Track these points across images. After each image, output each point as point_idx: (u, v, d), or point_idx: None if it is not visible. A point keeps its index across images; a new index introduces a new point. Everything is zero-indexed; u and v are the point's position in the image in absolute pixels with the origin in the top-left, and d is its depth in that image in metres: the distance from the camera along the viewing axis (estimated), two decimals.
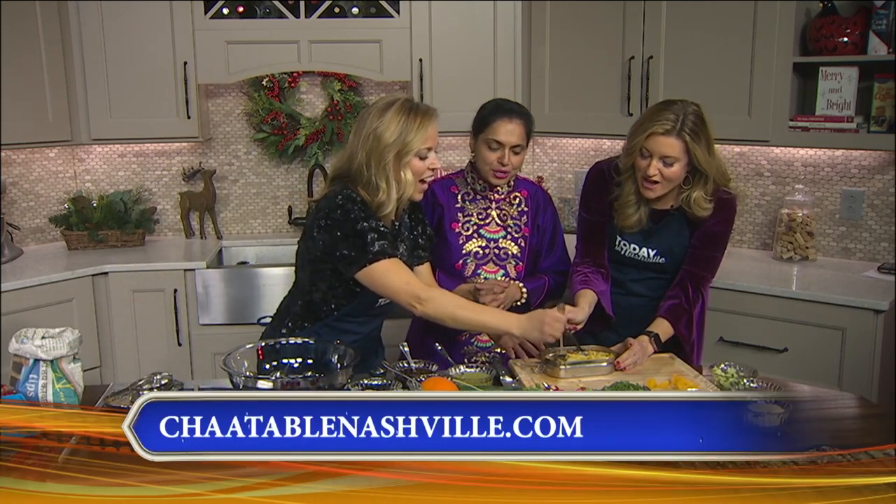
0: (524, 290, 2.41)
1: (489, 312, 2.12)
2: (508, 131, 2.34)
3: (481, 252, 2.45)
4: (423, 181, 2.09)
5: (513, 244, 2.47)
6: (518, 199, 2.50)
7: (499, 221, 2.47)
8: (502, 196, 2.48)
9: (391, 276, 2.00)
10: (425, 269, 2.27)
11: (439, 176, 2.31)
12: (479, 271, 2.45)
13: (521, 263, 2.48)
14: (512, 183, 2.49)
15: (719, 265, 2.37)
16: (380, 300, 2.13)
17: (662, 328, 2.24)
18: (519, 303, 2.40)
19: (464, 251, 2.45)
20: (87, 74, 3.43)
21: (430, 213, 2.44)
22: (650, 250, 2.34)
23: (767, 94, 3.00)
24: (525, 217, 2.49)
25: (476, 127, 2.42)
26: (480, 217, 2.46)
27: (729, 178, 2.33)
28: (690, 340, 2.30)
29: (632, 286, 2.39)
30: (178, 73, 3.45)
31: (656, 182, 2.21)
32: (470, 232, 2.46)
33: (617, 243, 2.38)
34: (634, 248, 2.36)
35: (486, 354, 2.46)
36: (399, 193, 2.04)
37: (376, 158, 2.00)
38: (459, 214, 2.46)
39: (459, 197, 2.48)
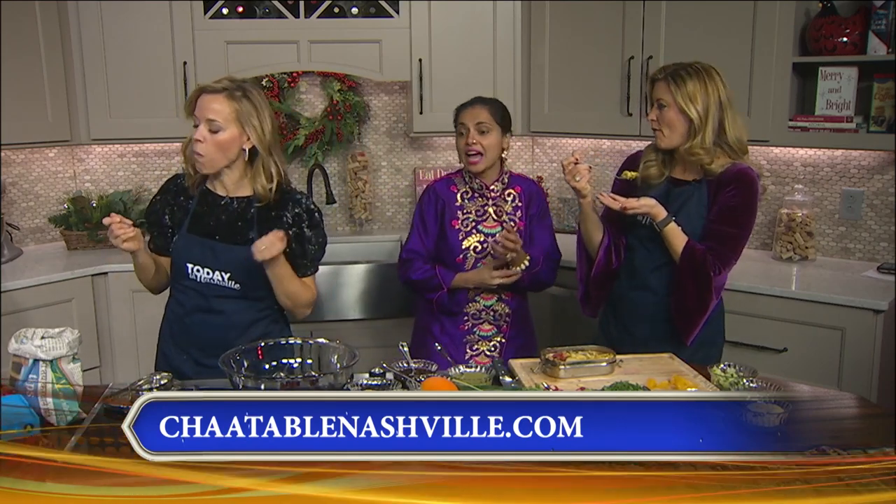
0: (528, 257, 2.51)
1: None
2: (470, 114, 2.51)
3: (480, 247, 2.56)
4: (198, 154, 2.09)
5: None
6: (512, 196, 2.61)
7: (495, 217, 2.58)
8: (497, 193, 2.60)
9: None
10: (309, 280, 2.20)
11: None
12: (478, 265, 2.56)
13: None
14: (506, 180, 2.61)
15: (740, 247, 2.28)
16: (188, 266, 2.18)
17: (680, 232, 2.25)
18: (522, 266, 2.50)
19: (463, 246, 2.56)
20: (87, 74, 3.43)
21: (433, 211, 2.58)
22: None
23: (767, 94, 3.00)
24: (519, 212, 2.60)
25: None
26: (478, 214, 2.58)
27: (746, 150, 2.31)
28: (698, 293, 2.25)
29: (647, 278, 2.37)
30: (178, 73, 3.45)
31: (656, 129, 2.30)
32: (469, 228, 2.57)
33: (643, 219, 2.34)
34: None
35: (488, 343, 2.58)
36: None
37: None
38: (459, 212, 2.58)
39: (459, 195, 2.60)
